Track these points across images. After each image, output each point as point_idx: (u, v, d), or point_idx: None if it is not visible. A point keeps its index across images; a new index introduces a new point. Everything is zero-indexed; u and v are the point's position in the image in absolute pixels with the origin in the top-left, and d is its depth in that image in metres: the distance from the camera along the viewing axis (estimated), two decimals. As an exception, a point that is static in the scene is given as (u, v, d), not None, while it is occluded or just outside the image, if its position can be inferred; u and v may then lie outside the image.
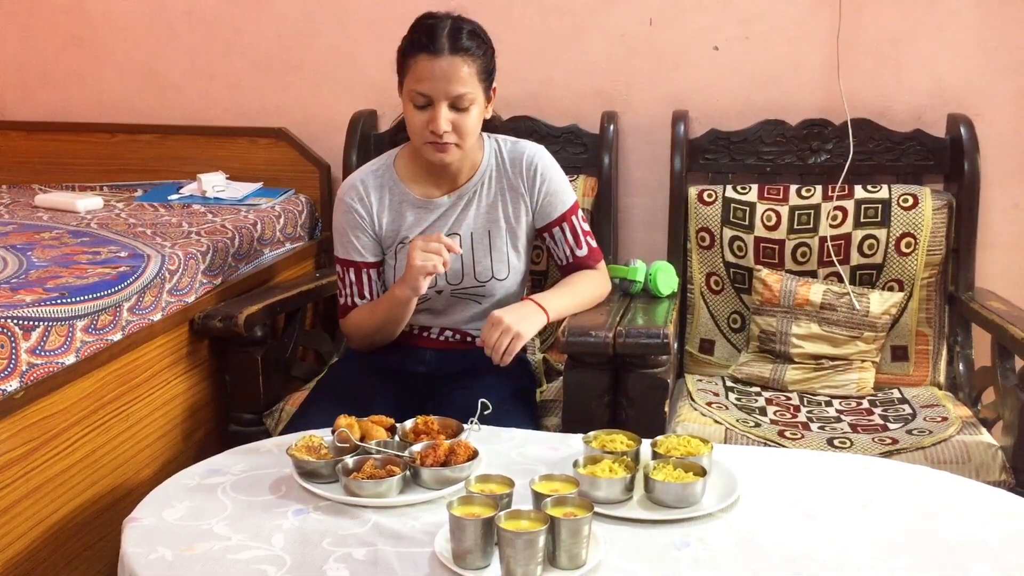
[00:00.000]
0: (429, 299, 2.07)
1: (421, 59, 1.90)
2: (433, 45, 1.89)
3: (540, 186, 2.09)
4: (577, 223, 2.13)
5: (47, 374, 1.75)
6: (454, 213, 2.07)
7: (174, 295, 2.12)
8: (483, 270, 2.08)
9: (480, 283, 2.08)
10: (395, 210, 2.07)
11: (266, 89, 2.93)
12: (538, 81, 2.74)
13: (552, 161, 2.12)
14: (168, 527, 1.51)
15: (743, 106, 2.65)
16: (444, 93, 1.90)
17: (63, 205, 2.63)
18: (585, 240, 2.14)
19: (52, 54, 3.05)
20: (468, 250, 2.06)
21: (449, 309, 2.11)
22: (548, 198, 2.10)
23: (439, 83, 1.89)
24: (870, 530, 1.49)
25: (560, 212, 2.11)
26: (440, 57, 1.89)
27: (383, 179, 2.09)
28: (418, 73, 1.90)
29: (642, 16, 2.68)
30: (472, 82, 1.92)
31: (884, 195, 2.44)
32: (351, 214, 2.07)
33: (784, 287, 2.42)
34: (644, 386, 2.00)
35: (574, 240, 2.12)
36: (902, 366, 2.45)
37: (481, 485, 1.52)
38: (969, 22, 2.54)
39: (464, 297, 2.10)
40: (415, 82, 1.91)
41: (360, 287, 2.09)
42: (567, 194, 2.13)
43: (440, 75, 1.89)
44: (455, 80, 1.89)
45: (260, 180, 2.85)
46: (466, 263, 2.07)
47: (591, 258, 2.15)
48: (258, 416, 2.23)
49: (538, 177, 2.08)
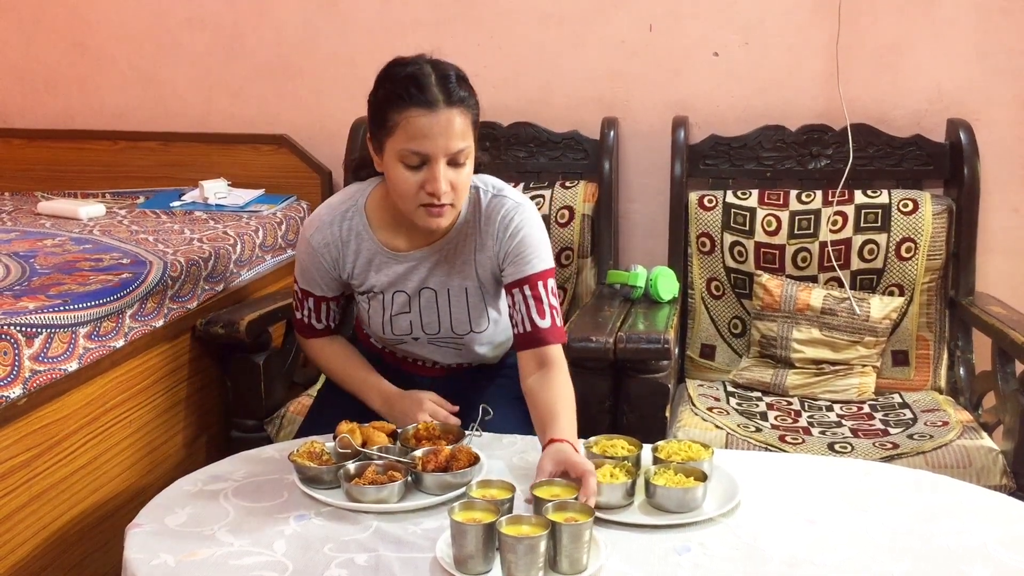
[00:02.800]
0: (405, 343, 1.98)
1: (413, 114, 1.67)
2: (426, 98, 1.68)
3: (508, 241, 1.84)
4: (544, 292, 1.82)
5: (49, 381, 1.76)
6: (426, 269, 1.88)
7: (176, 302, 2.13)
8: (460, 324, 1.92)
9: (458, 335, 1.94)
10: (364, 260, 1.89)
11: (267, 96, 2.94)
12: (538, 87, 2.75)
13: (531, 219, 1.86)
14: (170, 533, 1.51)
15: (743, 112, 2.66)
16: (444, 150, 1.69)
17: (65, 212, 2.64)
18: (550, 313, 1.81)
19: (54, 62, 3.06)
20: (445, 306, 1.90)
21: (431, 354, 2.00)
22: (515, 256, 1.83)
23: (438, 140, 1.68)
24: (871, 535, 1.49)
25: (525, 273, 1.82)
26: (436, 111, 1.67)
27: (352, 223, 1.88)
28: (411, 131, 1.68)
29: (642, 22, 2.69)
30: (468, 135, 1.72)
31: (884, 200, 2.45)
32: (316, 258, 1.90)
33: (785, 292, 2.42)
34: (645, 391, 2.00)
35: (536, 308, 1.80)
36: (903, 371, 2.45)
37: (482, 490, 1.52)
38: (968, 28, 2.55)
39: (442, 345, 1.99)
40: (407, 141, 1.68)
41: (318, 314, 1.97)
42: (539, 257, 1.84)
43: (439, 131, 1.68)
44: (453, 136, 1.69)
45: (262, 187, 2.86)
46: (442, 318, 1.91)
47: (551, 334, 1.80)
48: (260, 422, 2.24)
49: (508, 232, 1.83)
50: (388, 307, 1.91)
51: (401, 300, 1.91)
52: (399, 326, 1.93)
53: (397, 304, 1.91)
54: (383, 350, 2.08)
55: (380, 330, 1.95)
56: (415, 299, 1.90)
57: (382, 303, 1.92)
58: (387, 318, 1.92)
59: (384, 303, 1.91)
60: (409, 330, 1.93)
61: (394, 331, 1.94)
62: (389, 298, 1.91)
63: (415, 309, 1.91)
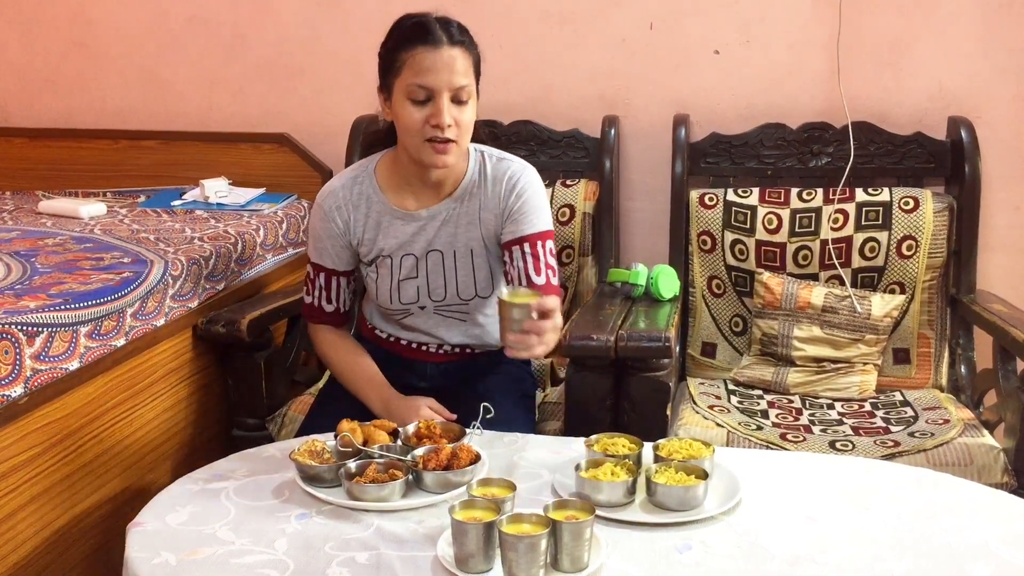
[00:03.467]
0: (412, 315, 2.03)
1: (420, 51, 1.82)
2: (431, 36, 1.82)
3: (513, 201, 1.95)
4: (542, 251, 1.94)
5: (51, 379, 1.76)
6: (433, 229, 1.97)
7: (177, 300, 2.13)
8: (466, 288, 1.99)
9: (463, 301, 2.01)
10: (373, 221, 1.98)
11: (268, 95, 2.94)
12: (539, 86, 2.75)
13: (535, 182, 1.98)
14: (172, 532, 1.52)
15: (744, 110, 2.66)
16: (448, 84, 1.82)
17: (66, 211, 2.64)
18: (546, 271, 1.93)
19: (55, 61, 3.06)
20: (451, 268, 1.98)
21: (436, 328, 2.05)
22: (517, 215, 1.94)
23: (442, 74, 1.81)
24: (872, 533, 1.49)
25: (525, 232, 1.94)
26: (441, 48, 1.82)
27: (362, 187, 1.99)
28: (417, 66, 1.82)
29: (643, 20, 2.69)
30: (470, 75, 1.86)
31: (885, 198, 2.45)
32: (328, 223, 1.99)
33: (786, 290, 2.42)
34: (646, 389, 2.00)
35: (533, 265, 1.92)
36: (904, 368, 2.45)
37: (483, 489, 1.52)
38: (969, 25, 2.54)
39: (448, 315, 2.03)
40: (414, 75, 1.82)
41: (328, 292, 2.04)
42: (540, 218, 1.96)
43: (443, 66, 1.81)
44: (457, 71, 1.82)
45: (263, 186, 2.86)
46: (448, 282, 1.99)
47: (548, 290, 1.90)
48: (261, 421, 2.24)
49: (514, 192, 1.95)
50: (396, 272, 1.99)
51: (409, 264, 1.98)
52: (406, 293, 2.00)
53: (405, 268, 1.99)
54: (388, 339, 2.10)
55: (388, 299, 2.01)
56: (423, 261, 1.98)
57: (390, 269, 1.99)
58: (395, 284, 1.99)
59: (392, 268, 1.99)
60: (416, 297, 2.00)
61: (401, 299, 2.00)
62: (397, 262, 1.99)
63: (422, 273, 1.98)
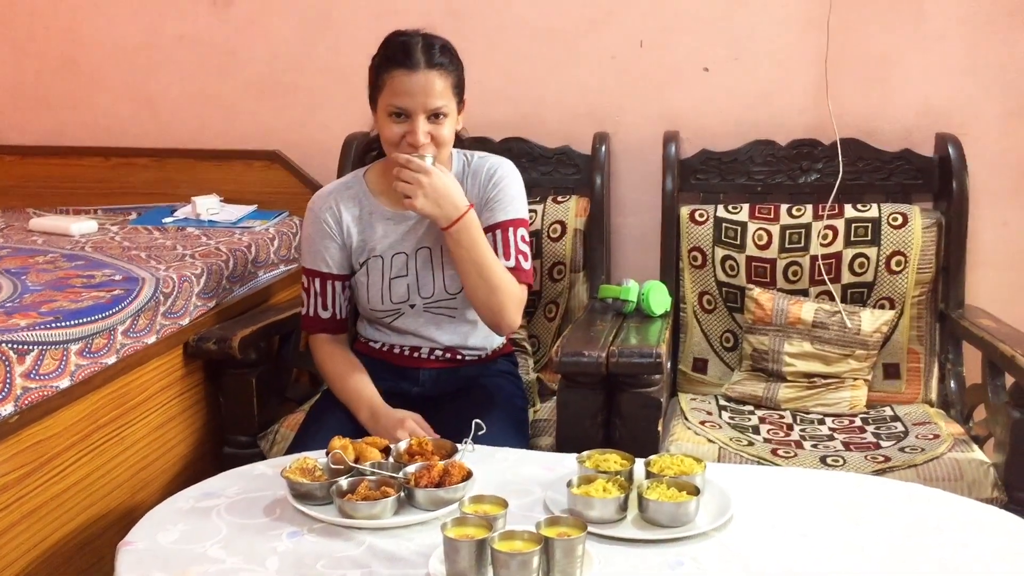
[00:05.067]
0: (402, 315, 2.08)
1: (397, 74, 1.95)
2: (409, 60, 1.94)
3: (490, 190, 2.07)
4: (513, 236, 2.05)
5: (41, 398, 1.75)
6: (422, 227, 2.06)
7: (168, 318, 2.13)
8: (453, 283, 2.07)
9: (451, 295, 2.07)
10: (365, 222, 2.09)
11: (260, 112, 2.95)
12: (530, 103, 2.76)
13: (513, 173, 2.11)
14: (162, 551, 1.51)
15: (733, 127, 2.67)
16: (423, 106, 1.94)
17: (57, 229, 2.63)
18: (516, 256, 2.05)
19: (47, 78, 3.06)
20: (439, 264, 2.07)
21: (426, 328, 2.10)
22: (493, 203, 2.06)
23: (417, 97, 1.94)
24: (863, 548, 1.50)
25: (498, 219, 2.05)
26: (417, 72, 1.94)
27: (353, 191, 2.11)
28: (395, 88, 1.95)
29: (632, 38, 2.70)
30: (447, 95, 1.97)
31: (874, 214, 2.46)
32: (320, 224, 2.09)
33: (776, 306, 2.43)
34: (637, 405, 2.00)
35: (503, 250, 2.03)
36: (894, 384, 2.46)
37: (475, 506, 1.52)
38: (956, 42, 2.57)
39: (437, 312, 2.09)
40: (392, 96, 1.95)
41: (324, 299, 2.10)
42: (514, 206, 2.08)
43: (418, 89, 1.94)
44: (432, 94, 1.94)
45: (254, 203, 2.86)
46: (436, 277, 2.07)
47: (518, 274, 2.03)
48: (253, 438, 2.23)
49: (491, 181, 2.08)
50: (387, 271, 2.07)
51: (400, 262, 2.07)
52: (397, 291, 2.07)
53: (396, 266, 2.07)
54: (381, 349, 2.13)
55: (379, 300, 2.08)
56: (412, 259, 2.07)
57: (381, 268, 2.07)
58: (386, 283, 2.07)
59: (383, 268, 2.07)
60: (406, 295, 2.07)
61: (392, 298, 2.07)
62: (388, 261, 2.07)
63: (412, 271, 2.07)
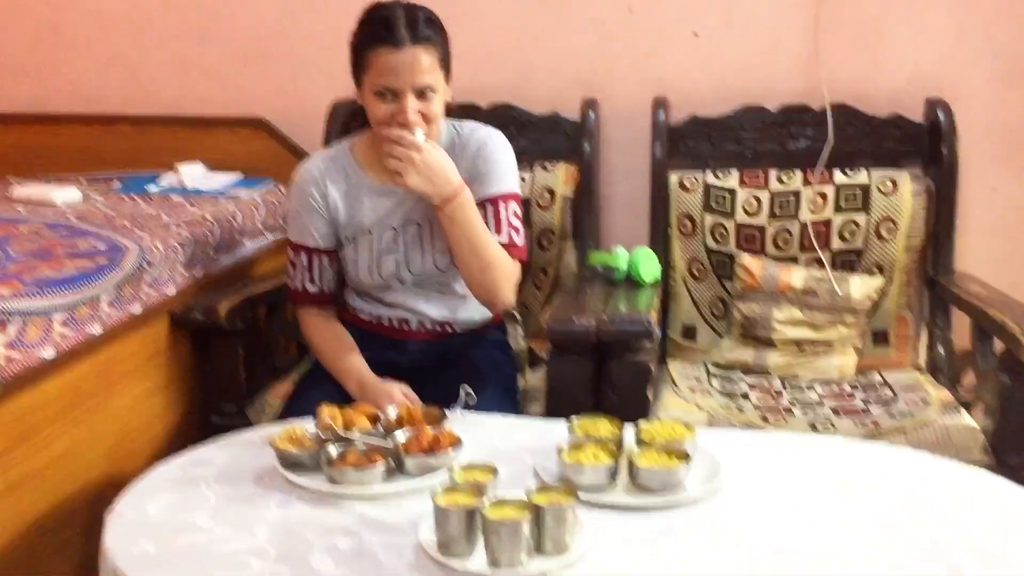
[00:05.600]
0: (392, 289, 2.06)
1: (382, 52, 1.88)
2: (393, 37, 1.87)
3: (481, 163, 2.01)
4: (505, 211, 2.00)
5: (25, 368, 1.74)
6: (410, 201, 2.02)
7: (154, 287, 2.11)
8: (442, 258, 2.03)
9: (440, 271, 2.04)
10: (353, 196, 2.04)
11: (245, 79, 2.91)
12: (518, 69, 2.73)
13: (503, 146, 2.05)
14: (150, 520, 1.50)
15: (723, 92, 2.65)
16: (411, 84, 1.88)
17: (40, 198, 2.60)
18: (508, 231, 2.00)
19: (27, 45, 3.01)
20: (428, 239, 2.03)
21: (415, 302, 2.07)
22: (483, 177, 2.00)
23: (404, 75, 1.87)
24: (852, 510, 1.50)
25: (488, 193, 2.00)
26: (402, 49, 1.87)
27: (339, 163, 2.06)
28: (380, 67, 1.88)
29: (621, 3, 2.68)
30: (434, 70, 1.90)
31: (864, 180, 2.45)
32: (307, 198, 2.04)
33: (766, 272, 2.43)
34: (627, 373, 2.00)
35: (495, 226, 1.98)
36: (883, 350, 2.46)
37: (465, 473, 1.51)
38: (946, 7, 2.55)
39: (427, 288, 2.06)
40: (378, 76, 1.89)
41: (311, 272, 2.06)
42: (504, 180, 2.03)
43: (405, 67, 1.87)
44: (419, 71, 1.88)
45: (239, 170, 2.84)
46: (425, 251, 2.03)
47: (512, 250, 2.00)
48: (240, 408, 2.22)
49: (480, 154, 2.02)
50: (376, 246, 2.03)
51: (388, 236, 2.03)
52: (385, 267, 2.04)
53: (385, 241, 2.03)
54: (370, 321, 2.11)
55: (368, 275, 2.05)
56: (401, 234, 2.03)
57: (369, 244, 2.03)
58: (374, 259, 2.04)
59: (372, 243, 2.03)
60: (395, 270, 2.04)
61: (381, 273, 2.04)
62: (377, 235, 2.03)
63: (401, 246, 2.03)
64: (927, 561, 1.37)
